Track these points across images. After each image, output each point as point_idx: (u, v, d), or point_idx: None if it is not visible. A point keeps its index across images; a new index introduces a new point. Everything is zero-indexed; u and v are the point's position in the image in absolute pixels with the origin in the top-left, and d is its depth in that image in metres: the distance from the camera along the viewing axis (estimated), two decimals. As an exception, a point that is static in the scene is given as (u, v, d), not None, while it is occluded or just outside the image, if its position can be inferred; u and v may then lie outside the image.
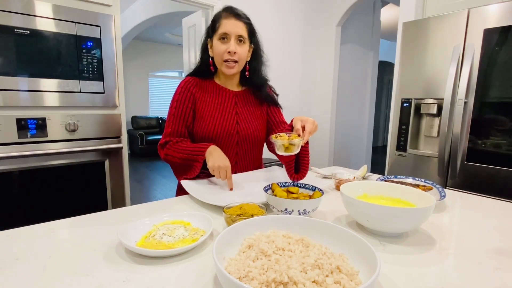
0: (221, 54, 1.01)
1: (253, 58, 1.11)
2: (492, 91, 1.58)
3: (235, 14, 1.01)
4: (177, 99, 1.06)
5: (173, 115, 1.05)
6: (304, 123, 0.86)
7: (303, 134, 0.84)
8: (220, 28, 1.00)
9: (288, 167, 0.96)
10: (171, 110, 1.06)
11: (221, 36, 1.00)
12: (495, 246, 0.60)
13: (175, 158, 1.01)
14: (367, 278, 0.41)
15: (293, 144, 0.82)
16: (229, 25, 0.99)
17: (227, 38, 1.00)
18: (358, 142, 4.07)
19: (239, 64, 1.04)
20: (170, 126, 1.05)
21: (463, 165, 1.69)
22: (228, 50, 0.99)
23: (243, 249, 0.48)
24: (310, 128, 0.85)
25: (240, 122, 1.09)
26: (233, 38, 1.00)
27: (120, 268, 0.49)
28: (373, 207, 0.59)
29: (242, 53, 1.03)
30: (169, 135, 1.05)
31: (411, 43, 1.88)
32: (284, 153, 0.83)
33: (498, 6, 1.53)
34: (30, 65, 1.43)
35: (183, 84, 1.08)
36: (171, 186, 4.19)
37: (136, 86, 6.97)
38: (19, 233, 0.62)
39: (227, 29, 0.99)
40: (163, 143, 1.05)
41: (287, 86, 3.39)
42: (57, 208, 1.58)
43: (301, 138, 0.83)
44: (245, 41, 1.03)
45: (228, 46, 0.99)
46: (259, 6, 2.95)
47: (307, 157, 0.97)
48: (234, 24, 0.99)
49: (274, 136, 0.84)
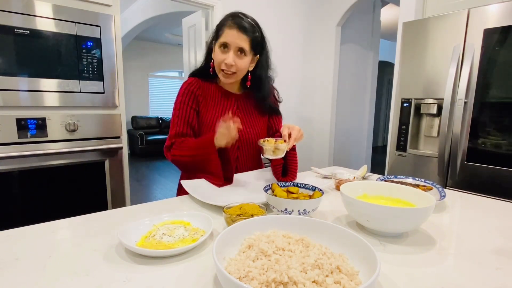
0: (219, 63, 1.00)
1: (258, 67, 1.08)
2: (492, 91, 1.58)
3: (240, 26, 0.96)
4: (181, 101, 1.05)
5: (177, 116, 1.05)
6: (291, 130, 0.95)
7: (289, 140, 0.93)
8: (222, 37, 0.98)
9: (276, 170, 1.03)
10: (175, 112, 1.05)
11: (221, 45, 0.98)
12: (495, 246, 0.60)
13: (185, 157, 0.98)
14: (367, 278, 0.41)
15: (279, 148, 0.91)
16: (230, 36, 0.96)
17: (227, 47, 0.98)
18: (358, 142, 4.07)
19: (237, 75, 1.02)
20: (175, 128, 1.04)
21: (463, 165, 1.69)
22: (225, 62, 0.97)
23: (243, 249, 0.48)
24: (296, 135, 0.94)
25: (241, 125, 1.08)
26: (232, 49, 0.97)
27: (120, 268, 0.49)
28: (373, 207, 0.59)
29: (241, 65, 1.00)
30: (174, 137, 1.03)
31: (411, 43, 1.88)
32: (270, 156, 0.92)
33: (498, 6, 1.53)
34: (30, 65, 1.43)
35: (186, 86, 1.07)
36: (171, 186, 4.20)
37: (136, 86, 6.97)
38: (19, 233, 0.62)
39: (228, 40, 0.97)
40: (169, 145, 1.03)
41: (287, 86, 3.39)
42: (57, 208, 1.58)
43: (287, 143, 0.92)
44: (247, 53, 0.99)
45: (226, 57, 0.97)
46: (259, 6, 2.95)
47: (295, 162, 1.05)
48: (236, 36, 0.96)
49: (262, 140, 0.94)
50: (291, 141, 0.92)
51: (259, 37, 1.02)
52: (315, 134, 3.58)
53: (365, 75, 3.97)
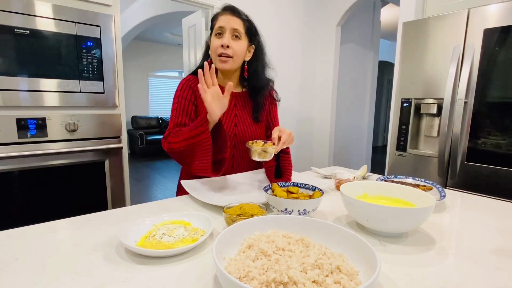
0: (215, 49, 1.00)
1: (254, 60, 1.10)
2: (492, 91, 1.58)
3: (232, 10, 1.01)
4: (179, 95, 1.05)
5: (175, 109, 1.05)
6: (281, 134, 0.93)
7: (278, 143, 0.91)
8: (216, 24, 1.00)
9: (268, 172, 1.03)
10: (174, 105, 1.05)
11: (216, 32, 1.00)
12: (495, 246, 0.60)
13: (180, 143, 0.94)
14: (367, 278, 0.41)
15: (266, 151, 0.89)
16: (224, 20, 0.99)
17: (222, 32, 1.00)
18: (358, 142, 4.07)
19: (233, 60, 1.01)
20: (173, 120, 1.04)
21: (463, 165, 1.69)
22: (221, 43, 0.99)
23: (243, 249, 0.48)
24: (285, 139, 0.92)
25: (238, 124, 1.08)
26: (227, 32, 0.99)
27: (120, 268, 0.49)
28: (373, 207, 0.59)
29: (237, 48, 1.01)
30: (173, 128, 1.03)
31: (411, 43, 1.88)
32: (257, 159, 0.90)
33: (498, 6, 1.53)
34: (30, 65, 1.43)
35: (184, 82, 1.07)
36: (171, 186, 4.19)
37: (136, 86, 6.97)
38: (19, 233, 0.62)
39: (222, 23, 0.99)
40: (167, 135, 1.01)
41: (287, 86, 3.39)
42: (57, 208, 1.58)
43: (275, 146, 0.90)
44: (241, 36, 1.01)
45: (222, 40, 0.99)
46: (259, 6, 2.95)
47: (290, 165, 1.05)
48: (230, 19, 0.99)
49: (250, 142, 0.92)
50: (279, 145, 0.90)
51: (252, 25, 1.07)
52: (315, 134, 3.58)
53: (365, 75, 3.97)
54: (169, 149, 0.97)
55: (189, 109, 1.05)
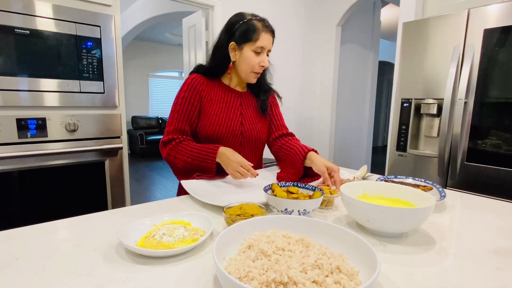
0: (253, 66, 1.03)
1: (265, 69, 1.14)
2: (492, 91, 1.58)
3: (272, 31, 1.04)
4: (183, 96, 1.04)
5: (177, 112, 1.03)
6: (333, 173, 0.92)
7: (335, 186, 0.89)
8: (259, 42, 1.01)
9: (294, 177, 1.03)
10: (176, 107, 1.04)
11: (257, 49, 1.02)
12: (495, 246, 0.60)
13: (178, 160, 0.99)
14: (367, 278, 0.41)
15: (330, 200, 0.81)
16: (267, 40, 1.02)
17: (262, 52, 1.03)
18: (358, 142, 4.07)
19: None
20: (174, 123, 1.03)
21: (463, 165, 1.69)
22: (262, 64, 1.03)
23: (243, 249, 0.48)
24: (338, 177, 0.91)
25: (244, 123, 1.09)
26: (265, 52, 1.04)
27: (120, 268, 0.49)
28: (373, 207, 0.59)
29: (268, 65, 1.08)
30: (172, 133, 1.03)
31: (411, 43, 1.88)
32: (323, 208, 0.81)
33: (498, 6, 1.53)
34: (30, 65, 1.43)
35: (190, 81, 1.05)
36: (171, 186, 4.19)
37: (136, 86, 6.97)
38: (19, 233, 0.62)
39: (265, 44, 1.02)
40: (166, 141, 1.02)
41: (287, 86, 3.39)
42: (57, 208, 1.58)
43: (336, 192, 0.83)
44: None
45: (262, 59, 1.03)
46: (259, 6, 2.95)
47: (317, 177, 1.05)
48: (270, 41, 1.03)
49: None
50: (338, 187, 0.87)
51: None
52: (315, 134, 3.58)
53: (365, 75, 3.96)
54: (169, 160, 1.03)
55: (191, 114, 1.05)
